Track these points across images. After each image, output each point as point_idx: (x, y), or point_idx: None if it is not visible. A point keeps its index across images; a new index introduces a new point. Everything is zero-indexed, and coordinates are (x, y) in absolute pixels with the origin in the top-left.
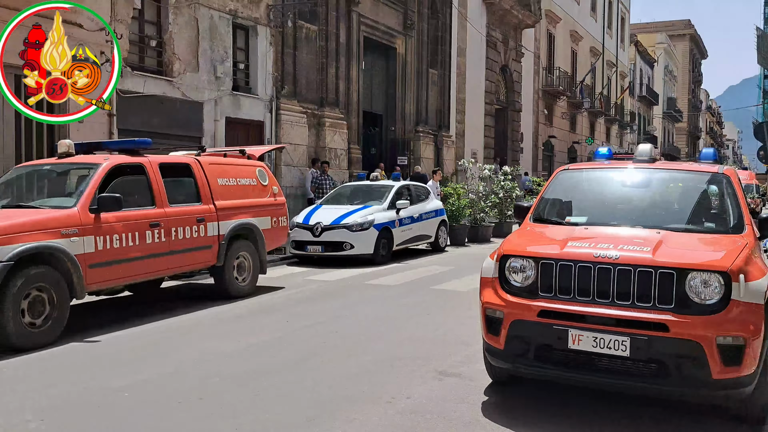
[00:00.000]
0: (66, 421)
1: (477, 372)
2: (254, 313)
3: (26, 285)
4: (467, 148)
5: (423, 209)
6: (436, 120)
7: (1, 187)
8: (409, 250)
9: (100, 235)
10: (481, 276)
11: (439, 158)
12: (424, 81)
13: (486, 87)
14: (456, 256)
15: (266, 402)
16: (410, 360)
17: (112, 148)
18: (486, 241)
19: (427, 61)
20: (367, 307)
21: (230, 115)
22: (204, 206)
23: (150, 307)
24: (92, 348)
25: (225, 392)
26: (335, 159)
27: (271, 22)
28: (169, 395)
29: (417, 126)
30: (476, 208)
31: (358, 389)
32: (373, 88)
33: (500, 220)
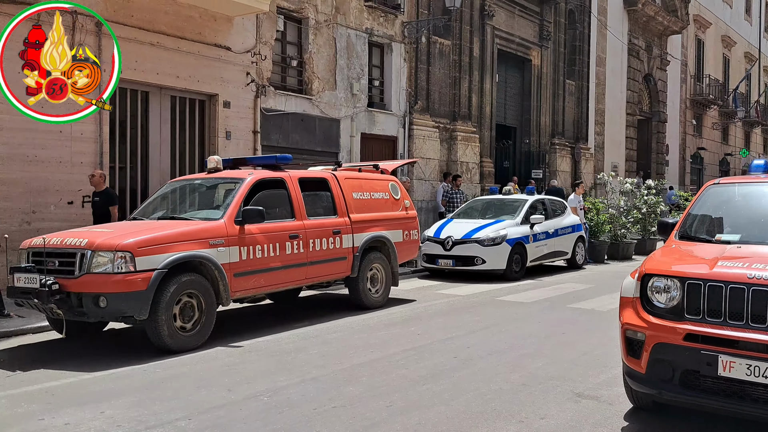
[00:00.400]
0: (211, 421)
1: (616, 396)
2: (387, 325)
3: (178, 291)
4: (607, 161)
5: (559, 224)
6: (573, 132)
7: (158, 199)
8: (544, 267)
9: (244, 246)
10: (620, 295)
11: (577, 171)
12: (560, 92)
13: (627, 97)
14: (594, 273)
15: (398, 414)
16: (545, 380)
17: (255, 164)
18: (627, 258)
19: (563, 72)
20: (499, 323)
21: (365, 130)
22: (340, 219)
23: (289, 315)
24: (235, 352)
25: (358, 402)
26: (467, 173)
27: (405, 39)
28: (307, 402)
29: (553, 138)
30: (617, 224)
31: (490, 406)
32: (506, 100)
33: (643, 236)
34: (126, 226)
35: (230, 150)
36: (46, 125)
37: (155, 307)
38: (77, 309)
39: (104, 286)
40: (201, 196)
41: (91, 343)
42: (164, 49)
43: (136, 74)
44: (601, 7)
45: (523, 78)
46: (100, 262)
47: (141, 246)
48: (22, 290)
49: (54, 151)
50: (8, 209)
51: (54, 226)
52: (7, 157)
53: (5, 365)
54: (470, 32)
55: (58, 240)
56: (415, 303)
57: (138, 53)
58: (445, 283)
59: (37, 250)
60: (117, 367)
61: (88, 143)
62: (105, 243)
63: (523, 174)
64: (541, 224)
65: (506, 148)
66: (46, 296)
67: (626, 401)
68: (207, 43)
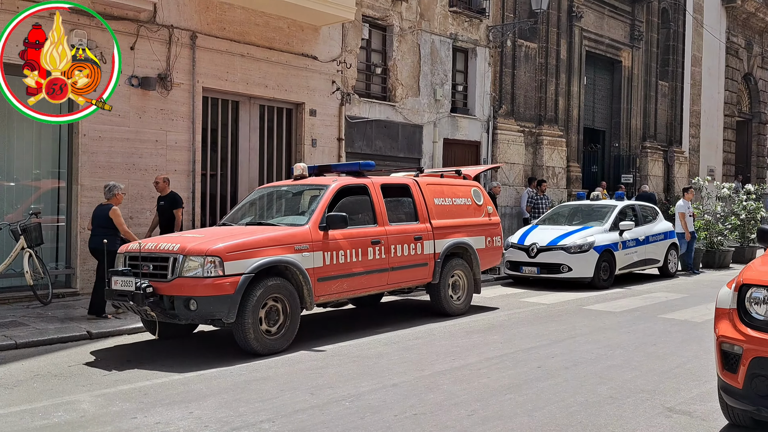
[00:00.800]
0: (294, 425)
1: (710, 411)
2: (468, 332)
3: (264, 295)
4: (702, 165)
5: (650, 231)
6: (666, 134)
7: (246, 205)
8: (634, 275)
9: (328, 251)
10: (716, 306)
11: (669, 176)
12: (652, 94)
13: (725, 97)
14: (688, 282)
15: (479, 424)
16: (634, 393)
17: (339, 170)
18: (724, 267)
19: (656, 73)
20: (586, 333)
21: (448, 136)
22: (421, 225)
23: (371, 320)
24: (319, 356)
25: (440, 410)
26: (553, 177)
27: (490, 43)
28: (388, 408)
29: (644, 141)
30: (713, 231)
31: (575, 419)
32: (595, 103)
33: (741, 244)
34: (216, 232)
35: (315, 157)
36: (143, 135)
37: (242, 310)
38: (169, 311)
39: (195, 289)
40: (287, 203)
41: (181, 344)
42: (254, 60)
43: (227, 84)
44: (697, 5)
45: (613, 80)
46: (191, 267)
47: (229, 251)
48: (119, 293)
49: (150, 160)
50: None
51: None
52: (108, 166)
53: (102, 364)
54: (557, 34)
55: (153, 245)
56: (498, 311)
57: (229, 64)
58: (530, 291)
59: (134, 255)
60: (206, 368)
61: (181, 152)
62: (196, 248)
63: (613, 179)
64: (630, 231)
65: (594, 152)
66: (140, 299)
67: (721, 417)
68: (294, 52)
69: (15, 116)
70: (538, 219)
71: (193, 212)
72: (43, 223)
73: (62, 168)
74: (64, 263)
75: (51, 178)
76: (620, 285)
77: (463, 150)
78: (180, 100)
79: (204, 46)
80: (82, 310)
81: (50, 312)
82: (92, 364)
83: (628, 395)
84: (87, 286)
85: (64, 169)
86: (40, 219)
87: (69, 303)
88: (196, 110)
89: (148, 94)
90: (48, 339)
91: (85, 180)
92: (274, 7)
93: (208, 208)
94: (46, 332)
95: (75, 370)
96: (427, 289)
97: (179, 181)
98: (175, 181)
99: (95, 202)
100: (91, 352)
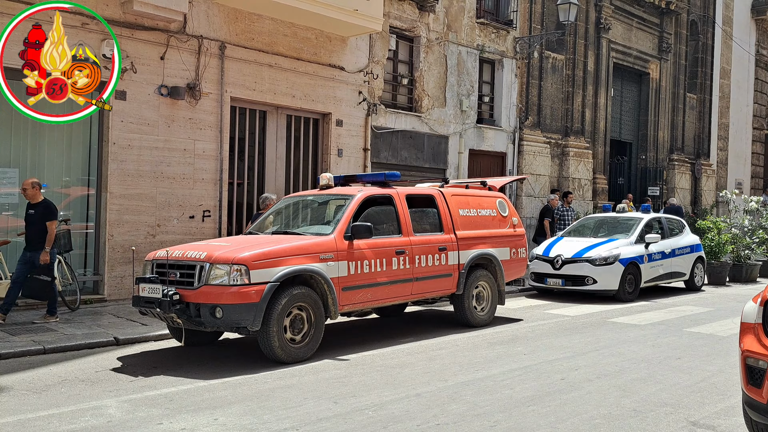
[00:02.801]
0: None
1: (735, 426)
2: (492, 343)
3: (289, 304)
4: (730, 178)
5: (676, 244)
6: (693, 147)
7: (273, 215)
8: (659, 288)
9: (353, 261)
10: (741, 320)
11: (697, 188)
12: (680, 106)
13: (754, 110)
14: (714, 296)
15: None
16: (658, 406)
17: (365, 181)
18: (751, 281)
19: (684, 85)
20: (610, 346)
21: (474, 147)
22: (446, 236)
23: (394, 330)
24: (342, 365)
25: (462, 421)
26: (579, 189)
27: (517, 54)
28: (411, 418)
29: (671, 154)
30: (740, 244)
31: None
32: (622, 115)
33: None
34: (242, 240)
35: (341, 167)
36: (171, 143)
37: (267, 318)
38: (195, 318)
39: (221, 297)
40: (313, 212)
41: (206, 351)
42: (282, 70)
43: (255, 94)
44: (726, 17)
45: (640, 92)
46: (218, 275)
47: (255, 260)
48: (146, 300)
49: (178, 168)
50: (136, 222)
51: (176, 239)
52: (137, 174)
53: (129, 370)
54: (585, 46)
55: (180, 252)
56: (522, 322)
57: (257, 74)
58: (554, 302)
59: (161, 262)
60: (230, 375)
61: (209, 160)
62: (222, 256)
63: (639, 191)
64: (656, 243)
65: (621, 164)
66: (167, 306)
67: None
68: (322, 63)
69: (46, 125)
70: (564, 231)
71: (219, 221)
72: (73, 230)
73: (92, 176)
74: (93, 270)
75: (80, 185)
76: (645, 298)
77: (488, 161)
78: (208, 109)
79: (232, 56)
80: (109, 316)
81: (78, 318)
82: (119, 369)
83: (652, 409)
84: (114, 293)
85: (94, 176)
86: (70, 226)
87: (96, 309)
88: (224, 120)
89: (177, 104)
90: (76, 345)
91: (114, 188)
92: (303, 18)
93: (234, 216)
94: (73, 338)
95: (102, 376)
96: (451, 300)
97: (206, 189)
98: (203, 190)
99: (124, 210)
100: (118, 357)
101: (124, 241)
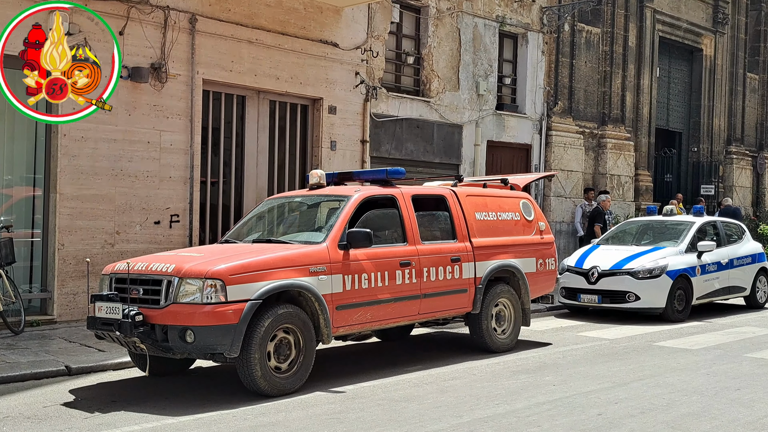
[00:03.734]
0: None
1: None
2: (515, 372)
3: (273, 325)
4: None
5: (735, 253)
6: (755, 137)
7: (253, 219)
8: (714, 306)
9: (349, 274)
10: None
11: (759, 187)
12: (739, 88)
13: None
14: None
15: None
16: None
17: (363, 179)
18: None
19: (743, 64)
20: (656, 375)
21: (492, 138)
22: (459, 244)
23: (399, 356)
24: (337, 399)
25: None
26: (618, 188)
27: (544, 27)
28: None
29: (728, 146)
30: None
31: None
32: (669, 99)
33: None
34: (217, 250)
35: (335, 162)
36: (133, 134)
37: (247, 343)
38: (162, 343)
39: (192, 318)
40: (301, 216)
41: (176, 382)
42: (264, 47)
43: (232, 76)
44: None
45: (692, 72)
46: (188, 291)
47: (233, 273)
48: (104, 321)
49: (141, 164)
50: (92, 229)
51: (139, 249)
52: (92, 171)
53: (83, 405)
54: (625, 17)
55: (143, 265)
56: (551, 347)
57: (234, 52)
58: (589, 323)
59: (121, 276)
60: (204, 411)
61: (178, 155)
62: (194, 269)
63: (690, 190)
64: (711, 253)
65: (668, 158)
66: (128, 328)
67: None
68: (311, 39)
69: None
70: (600, 238)
71: (190, 227)
72: (15, 238)
73: (38, 173)
74: (40, 286)
75: (25, 185)
76: (698, 317)
77: (510, 155)
78: (177, 94)
79: (205, 31)
80: (60, 340)
81: (23, 343)
82: (72, 404)
83: None
84: (66, 313)
85: (41, 174)
86: (12, 234)
87: (44, 332)
88: (195, 106)
89: (139, 87)
90: (20, 375)
91: (65, 188)
92: None
93: (208, 221)
94: (17, 366)
95: (51, 412)
96: (466, 321)
97: (175, 189)
98: (170, 190)
99: (77, 214)
100: (70, 390)
101: (77, 252)
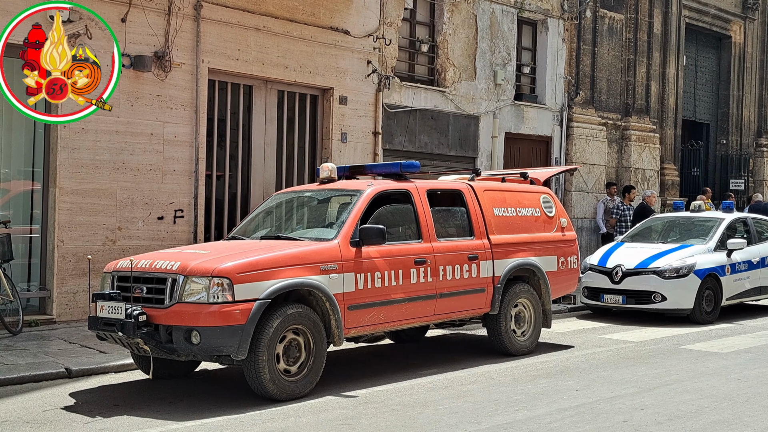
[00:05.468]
0: None
1: None
2: (536, 376)
3: (282, 326)
4: None
5: (766, 251)
6: None
7: (261, 215)
8: (745, 307)
9: (361, 272)
10: None
11: None
12: None
13: None
14: None
15: None
16: None
17: (376, 172)
18: None
19: None
20: (684, 380)
21: (511, 129)
22: (477, 241)
23: (413, 359)
24: (349, 404)
25: None
26: (643, 182)
27: (564, 14)
28: None
29: (759, 138)
30: None
31: None
32: (696, 89)
33: None
34: (224, 247)
35: (346, 155)
36: (135, 126)
37: (255, 345)
38: (166, 345)
39: (197, 318)
40: (311, 212)
41: (180, 386)
42: (271, 35)
43: (239, 65)
44: None
45: (720, 60)
46: (194, 290)
47: (241, 271)
48: (105, 321)
49: (144, 157)
50: (92, 224)
51: (142, 246)
52: (93, 165)
53: (84, 409)
54: (649, 2)
55: (147, 262)
56: (573, 350)
57: (241, 40)
58: (613, 325)
59: (123, 274)
60: (210, 416)
61: (182, 147)
62: (199, 267)
63: (719, 185)
64: (741, 251)
65: (696, 151)
66: (131, 329)
67: None
68: (321, 26)
69: None
70: (624, 235)
71: (195, 222)
72: (13, 234)
73: (37, 167)
74: (39, 284)
75: (23, 178)
76: (727, 319)
77: (529, 147)
78: (181, 84)
79: (210, 18)
80: (60, 341)
81: (21, 343)
82: (72, 408)
83: None
84: (66, 312)
85: (39, 168)
86: (10, 229)
87: (43, 333)
88: (200, 97)
89: (141, 77)
90: (18, 377)
91: (64, 182)
92: None
93: (213, 217)
94: (15, 368)
95: (51, 416)
96: (483, 322)
97: (179, 183)
98: (174, 184)
99: (77, 209)
100: (71, 393)
101: (78, 248)
